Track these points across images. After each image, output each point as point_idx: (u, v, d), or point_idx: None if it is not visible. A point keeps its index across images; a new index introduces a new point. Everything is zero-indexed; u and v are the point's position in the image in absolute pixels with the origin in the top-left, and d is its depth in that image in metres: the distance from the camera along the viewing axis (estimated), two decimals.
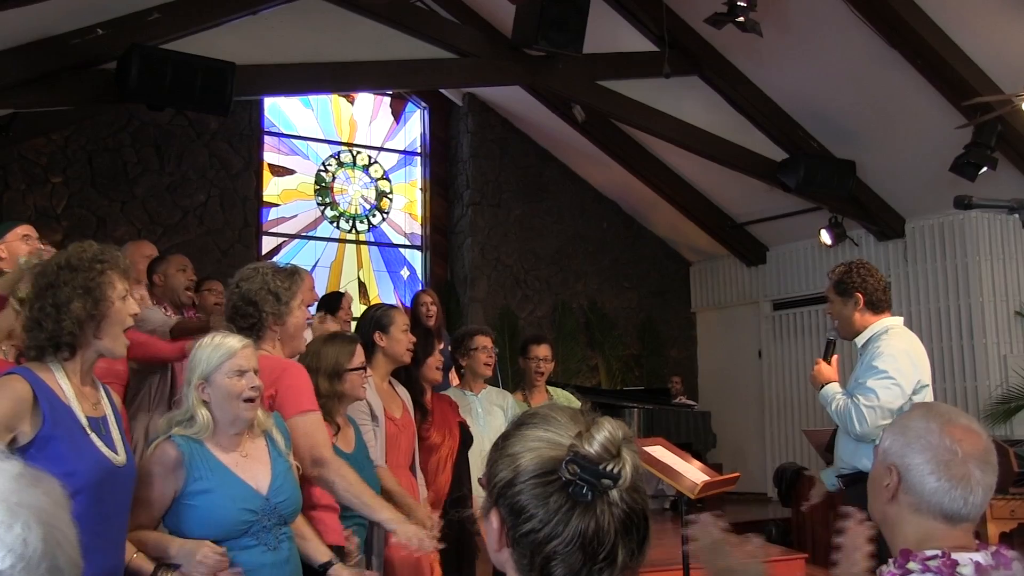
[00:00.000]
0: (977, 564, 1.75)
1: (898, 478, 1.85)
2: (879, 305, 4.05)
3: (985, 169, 7.75)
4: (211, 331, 4.65)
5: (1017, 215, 3.03)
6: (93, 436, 2.43)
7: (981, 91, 7.35)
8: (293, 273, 3.22)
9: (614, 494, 1.20)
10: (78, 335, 2.46)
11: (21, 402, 2.35)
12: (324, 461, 2.98)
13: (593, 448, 1.19)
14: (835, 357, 4.21)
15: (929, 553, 1.77)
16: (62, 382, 2.45)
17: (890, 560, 1.84)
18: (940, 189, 8.27)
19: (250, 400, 2.72)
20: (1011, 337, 9.07)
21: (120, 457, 2.48)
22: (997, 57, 7.39)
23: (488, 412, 5.07)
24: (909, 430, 1.87)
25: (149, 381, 4.67)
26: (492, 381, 5.45)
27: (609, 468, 1.19)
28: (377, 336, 4.01)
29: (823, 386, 4.11)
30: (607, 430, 1.20)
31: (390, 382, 4.16)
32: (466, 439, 4.78)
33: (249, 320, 3.07)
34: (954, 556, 1.76)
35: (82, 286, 2.46)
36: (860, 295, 4.02)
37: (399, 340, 4.06)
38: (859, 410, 3.86)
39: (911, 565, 1.77)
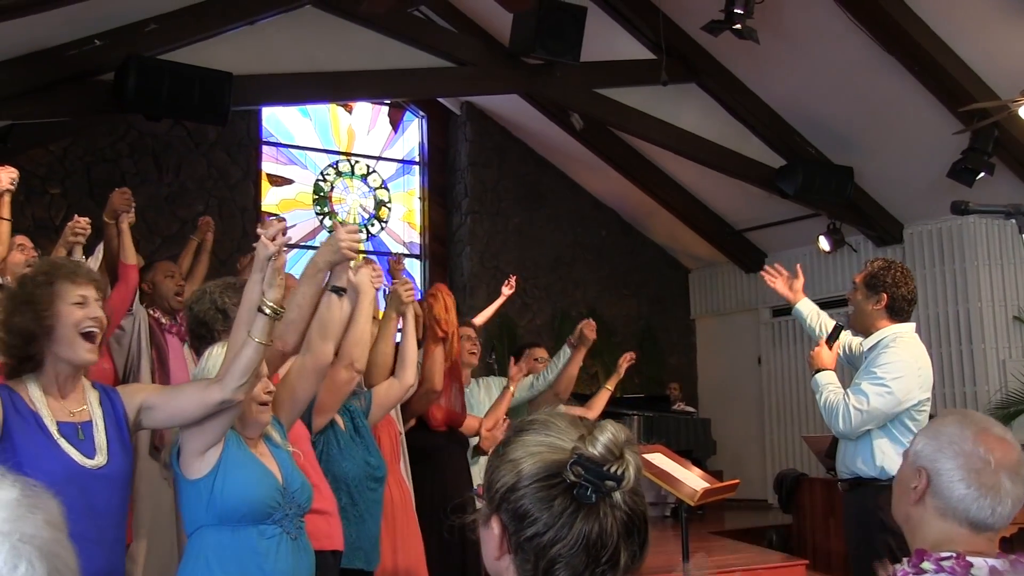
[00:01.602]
0: (992, 568, 1.74)
1: (927, 481, 1.84)
2: (899, 313, 3.97)
3: (982, 174, 7.77)
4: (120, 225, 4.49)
5: (1014, 220, 3.02)
6: (61, 441, 2.47)
7: (978, 97, 7.36)
8: (242, 288, 3.13)
9: (617, 496, 1.21)
10: (25, 348, 2.52)
11: None
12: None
13: (597, 450, 1.19)
14: (838, 343, 4.14)
15: (944, 554, 1.77)
16: (33, 394, 2.51)
17: (904, 560, 1.83)
18: (938, 195, 8.27)
19: (264, 404, 2.79)
20: (1010, 342, 9.07)
21: (95, 460, 2.50)
22: (993, 63, 7.40)
23: (480, 403, 5.17)
24: (942, 435, 1.86)
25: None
26: None
27: (613, 470, 1.19)
28: None
29: (818, 371, 4.04)
30: (610, 432, 1.21)
31: None
32: (462, 440, 4.79)
33: (204, 341, 3.05)
34: (969, 559, 1.75)
35: (24, 301, 2.53)
36: (886, 296, 3.94)
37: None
38: (847, 409, 3.83)
39: (925, 565, 1.77)
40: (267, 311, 2.58)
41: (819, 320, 4.32)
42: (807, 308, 4.37)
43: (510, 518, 1.22)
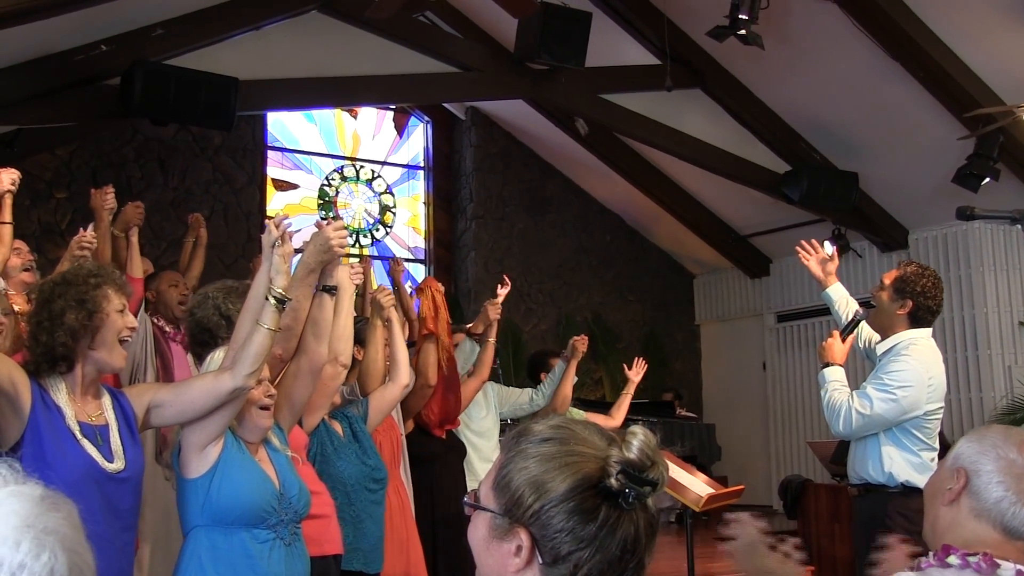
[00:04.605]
0: (1019, 572, 1.73)
1: (965, 482, 1.84)
2: (920, 322, 3.91)
3: (987, 180, 7.76)
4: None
5: (1020, 225, 3.02)
6: (84, 442, 2.48)
7: (983, 102, 7.36)
8: (245, 292, 3.09)
9: (649, 500, 1.21)
10: (72, 346, 2.52)
11: (23, 376, 2.46)
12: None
13: (635, 455, 1.19)
14: (851, 337, 4.06)
15: (971, 550, 1.77)
16: (59, 393, 2.52)
17: (930, 553, 1.83)
18: (943, 200, 8.26)
19: (265, 408, 2.79)
20: (1016, 347, 9.05)
21: (115, 464, 2.51)
22: (998, 68, 7.40)
23: (478, 404, 5.22)
24: (986, 439, 1.87)
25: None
26: None
27: (651, 476, 1.19)
28: (356, 351, 3.99)
29: (827, 365, 3.97)
30: (642, 436, 1.21)
31: None
32: (460, 448, 4.80)
33: (208, 348, 3.02)
34: (997, 560, 1.74)
35: (76, 299, 2.53)
36: (911, 303, 3.87)
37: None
38: (849, 412, 3.80)
39: (951, 559, 1.76)
40: (273, 298, 2.60)
41: (847, 308, 4.21)
42: (837, 293, 4.25)
43: (547, 532, 1.19)
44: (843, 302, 4.24)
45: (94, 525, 2.38)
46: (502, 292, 5.70)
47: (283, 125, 10.56)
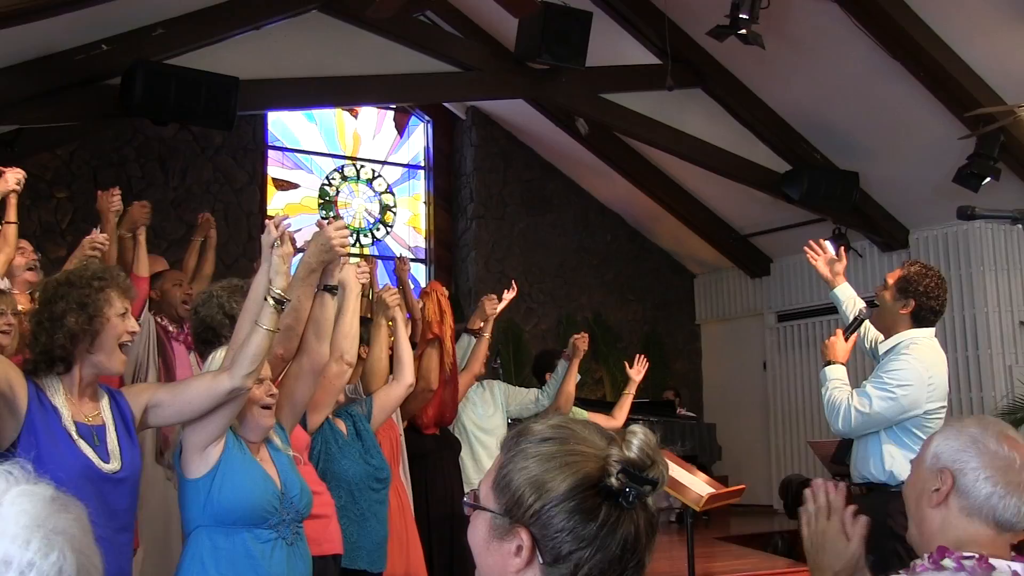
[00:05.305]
0: (1015, 572, 1.74)
1: (951, 482, 1.83)
2: (923, 321, 3.90)
3: (988, 180, 7.76)
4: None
5: (1020, 225, 3.02)
6: (80, 442, 2.48)
7: (983, 102, 7.36)
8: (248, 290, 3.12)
9: (649, 499, 1.21)
10: (70, 349, 2.51)
11: (19, 376, 2.45)
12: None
13: (635, 454, 1.19)
14: (854, 336, 4.05)
15: (966, 553, 1.76)
16: (55, 393, 2.51)
17: (925, 555, 1.82)
18: (943, 200, 8.26)
19: (267, 407, 2.79)
20: (1016, 347, 9.05)
21: (111, 465, 2.51)
22: (999, 68, 7.40)
23: (484, 403, 5.23)
24: (964, 435, 1.86)
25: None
26: None
27: (651, 475, 1.19)
28: (361, 349, 4.00)
29: (829, 363, 3.96)
30: (642, 435, 1.21)
31: None
32: (454, 445, 4.81)
33: (212, 347, 3.02)
34: (991, 561, 1.74)
35: (77, 301, 2.52)
36: (914, 303, 3.87)
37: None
38: (848, 410, 3.80)
39: (946, 562, 1.76)
40: (271, 299, 2.59)
41: (854, 308, 4.20)
42: (845, 294, 4.24)
43: (547, 532, 1.19)
44: (850, 302, 4.24)
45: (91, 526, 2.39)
46: (508, 296, 5.70)
47: (284, 125, 10.56)
